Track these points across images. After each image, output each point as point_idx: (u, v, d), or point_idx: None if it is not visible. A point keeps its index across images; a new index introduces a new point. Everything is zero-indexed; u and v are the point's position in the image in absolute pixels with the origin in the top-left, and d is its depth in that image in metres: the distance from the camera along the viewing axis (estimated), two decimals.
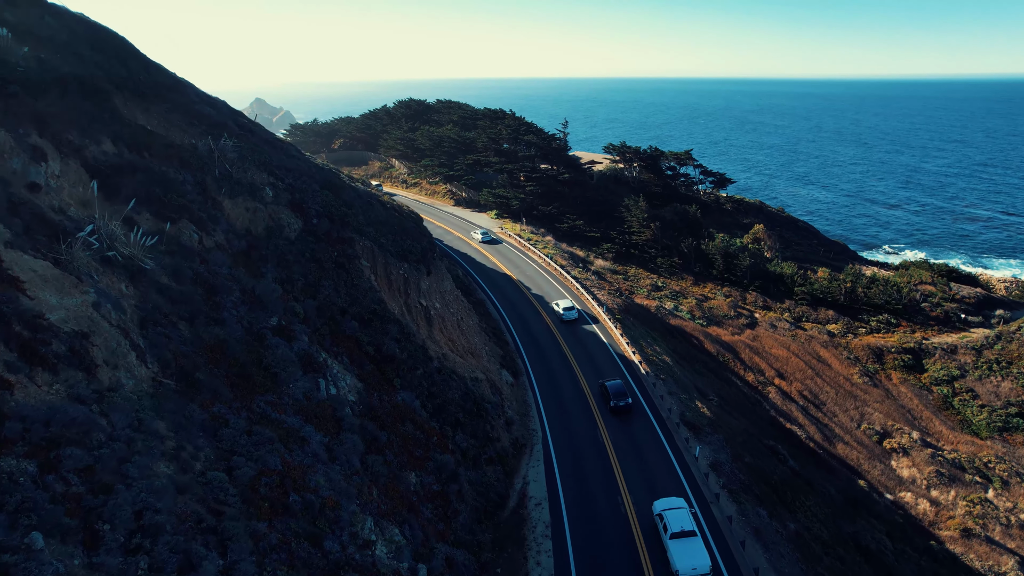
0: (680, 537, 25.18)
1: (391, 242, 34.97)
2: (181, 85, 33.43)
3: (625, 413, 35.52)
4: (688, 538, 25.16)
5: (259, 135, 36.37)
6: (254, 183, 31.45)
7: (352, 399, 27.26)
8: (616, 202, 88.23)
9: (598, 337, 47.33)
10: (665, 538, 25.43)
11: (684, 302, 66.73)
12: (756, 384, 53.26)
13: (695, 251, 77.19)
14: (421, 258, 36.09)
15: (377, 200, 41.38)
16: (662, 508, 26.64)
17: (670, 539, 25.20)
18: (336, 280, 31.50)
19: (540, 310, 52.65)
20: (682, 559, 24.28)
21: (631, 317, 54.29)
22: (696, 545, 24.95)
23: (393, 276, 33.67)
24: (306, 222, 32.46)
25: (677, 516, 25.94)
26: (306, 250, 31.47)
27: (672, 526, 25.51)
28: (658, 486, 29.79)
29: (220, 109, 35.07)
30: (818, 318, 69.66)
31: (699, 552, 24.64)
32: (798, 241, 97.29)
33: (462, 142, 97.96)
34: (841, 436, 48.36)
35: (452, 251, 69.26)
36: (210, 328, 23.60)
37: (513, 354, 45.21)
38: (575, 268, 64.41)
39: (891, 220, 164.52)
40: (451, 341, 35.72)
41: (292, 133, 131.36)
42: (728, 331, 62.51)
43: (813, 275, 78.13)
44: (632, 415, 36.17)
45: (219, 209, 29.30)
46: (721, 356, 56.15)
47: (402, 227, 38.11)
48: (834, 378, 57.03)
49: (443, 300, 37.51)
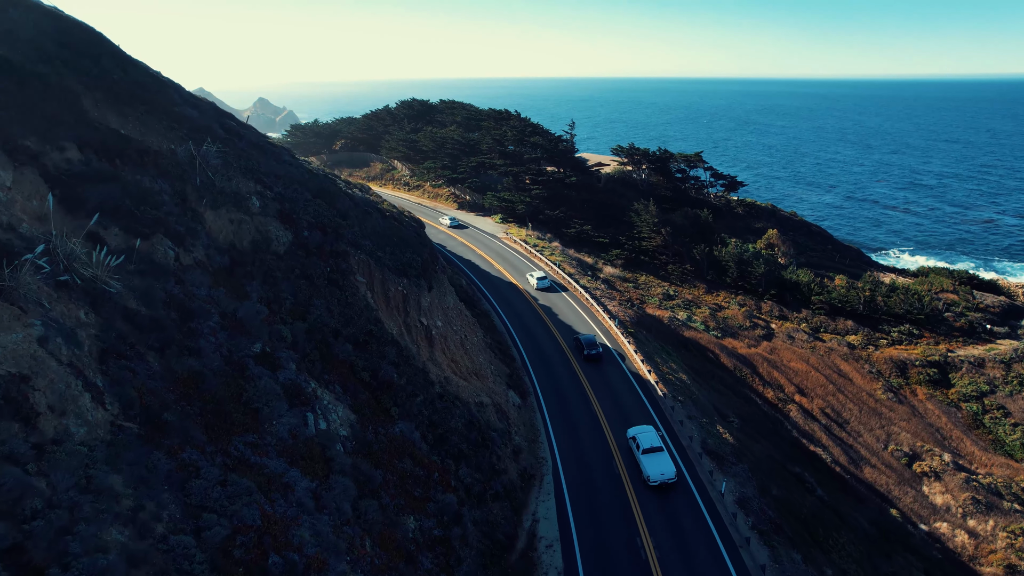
0: (650, 452, 31.14)
1: (389, 255, 32.28)
2: (162, 85, 30.83)
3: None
4: (656, 452, 31.14)
5: (248, 139, 33.74)
6: (239, 192, 28.81)
7: (344, 434, 24.58)
8: (625, 206, 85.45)
9: (609, 353, 44.56)
10: (638, 454, 31.31)
11: (697, 312, 63.91)
12: (776, 401, 50.43)
13: (707, 258, 74.36)
14: (422, 272, 33.41)
15: (375, 208, 38.72)
16: (634, 433, 32.66)
17: (642, 454, 31.08)
18: (329, 298, 28.84)
19: (548, 323, 49.90)
20: (652, 467, 30.15)
21: (644, 330, 51.50)
22: (663, 457, 30.84)
23: (391, 293, 31.00)
24: (296, 234, 29.80)
25: (647, 436, 32.03)
26: (296, 265, 28.81)
27: (643, 444, 31.52)
28: (686, 529, 27.03)
29: (205, 111, 32.45)
30: (837, 328, 66.75)
31: (666, 462, 30.48)
32: (812, 246, 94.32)
33: (466, 144, 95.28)
34: (868, 458, 45.51)
35: (454, 256, 66.60)
36: (183, 359, 20.95)
37: (520, 371, 42.51)
38: (584, 276, 61.66)
39: (897, 222, 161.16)
40: (454, 362, 33.02)
41: (292, 134, 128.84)
42: (744, 343, 59.69)
43: (830, 283, 75.23)
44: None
45: (200, 222, 26.66)
46: (739, 371, 53.32)
47: (401, 237, 35.43)
48: (857, 394, 54.17)
49: (445, 317, 34.82)
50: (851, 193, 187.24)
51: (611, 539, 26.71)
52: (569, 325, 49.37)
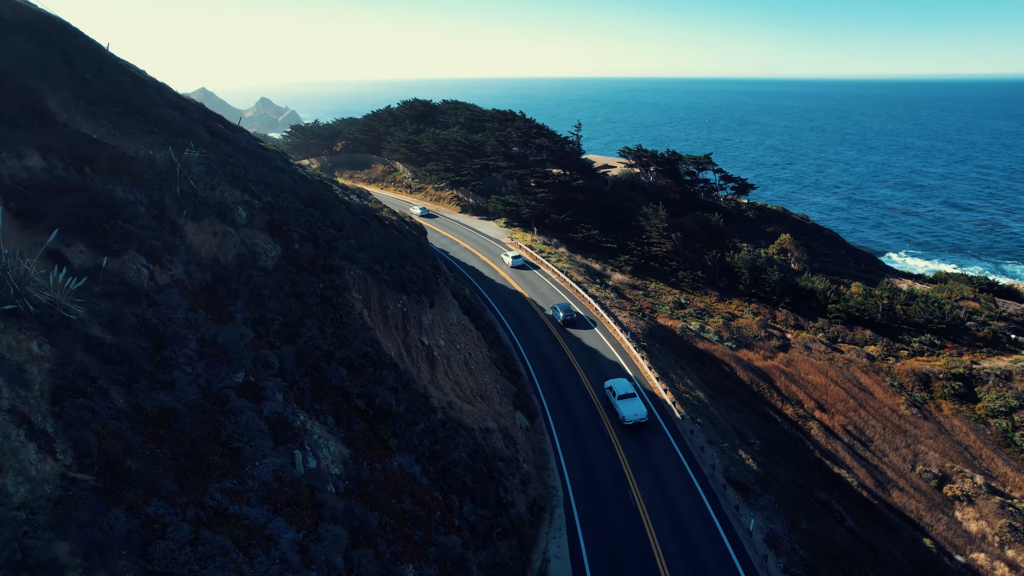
0: (625, 398, 36.53)
1: (388, 269, 29.86)
2: (142, 85, 28.47)
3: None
4: (630, 398, 36.55)
5: (237, 143, 31.36)
6: (224, 202, 26.43)
7: (336, 472, 22.16)
8: (633, 210, 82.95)
9: (622, 369, 42.09)
10: (614, 400, 36.64)
11: (710, 322, 61.40)
12: (795, 418, 47.91)
13: (719, 264, 71.81)
14: (423, 287, 31.00)
15: (373, 216, 36.30)
16: (610, 384, 38.10)
17: (618, 399, 36.49)
18: (321, 318, 26.44)
19: (556, 335, 47.44)
20: (627, 409, 35.48)
21: (656, 343, 49.02)
22: (636, 401, 36.28)
23: (390, 311, 28.59)
24: (286, 248, 27.41)
25: (621, 385, 37.58)
26: (285, 282, 26.42)
27: (618, 391, 37.02)
28: (709, 572, 24.56)
29: (189, 113, 30.07)
30: (855, 338, 64.17)
31: (639, 405, 35.90)
32: (825, 251, 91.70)
33: (469, 145, 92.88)
34: (895, 481, 42.97)
35: (457, 262, 64.20)
36: (154, 394, 18.59)
37: (527, 388, 40.10)
38: (592, 284, 59.19)
39: (900, 224, 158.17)
40: (457, 385, 30.58)
41: (292, 135, 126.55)
42: (760, 355, 57.16)
43: (846, 290, 72.63)
44: (672, 474, 30.92)
45: (179, 235, 24.28)
46: (756, 385, 50.81)
47: (401, 249, 33.01)
48: (879, 409, 51.60)
49: (448, 335, 32.40)
50: (852, 194, 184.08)
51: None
52: (578, 338, 46.91)
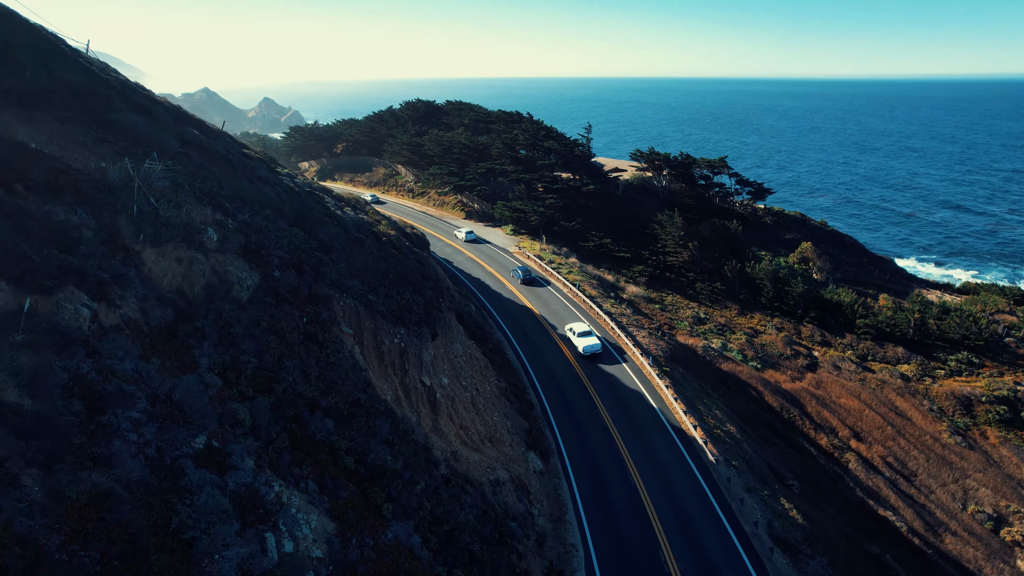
0: (582, 335, 44.01)
1: (384, 297, 26.01)
2: (101, 86, 24.68)
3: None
4: (586, 335, 44.17)
5: (213, 151, 27.53)
6: (192, 223, 22.59)
7: (318, 555, 18.28)
8: (646, 216, 78.97)
9: (644, 400, 38.13)
10: (574, 339, 43.98)
11: (733, 339, 57.38)
12: (831, 449, 43.88)
13: (739, 275, 67.75)
14: (424, 317, 27.15)
15: (369, 232, 32.43)
16: (568, 326, 45.83)
17: (577, 337, 44.00)
18: (304, 359, 22.58)
19: (569, 357, 43.50)
20: (583, 343, 43.05)
21: (679, 366, 45.05)
22: (592, 337, 44.05)
23: (386, 347, 24.72)
24: (265, 276, 23.55)
25: (580, 326, 45.14)
26: (263, 317, 22.56)
27: (576, 331, 44.53)
28: None
29: (158, 118, 26.26)
30: (886, 356, 60.05)
31: (594, 340, 43.66)
32: (847, 260, 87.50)
33: (474, 148, 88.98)
34: (946, 523, 38.90)
35: (461, 274, 60.33)
36: (84, 474, 14.72)
37: (539, 420, 36.20)
38: (607, 299, 55.22)
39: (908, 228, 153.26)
40: (463, 429, 26.71)
41: (291, 136, 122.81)
42: (787, 376, 53.13)
43: (874, 303, 68.49)
44: (711, 536, 26.95)
45: (134, 264, 20.46)
46: (786, 412, 46.79)
47: (400, 271, 29.13)
48: (919, 437, 47.52)
49: (453, 370, 28.53)
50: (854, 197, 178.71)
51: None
52: (595, 362, 42.94)
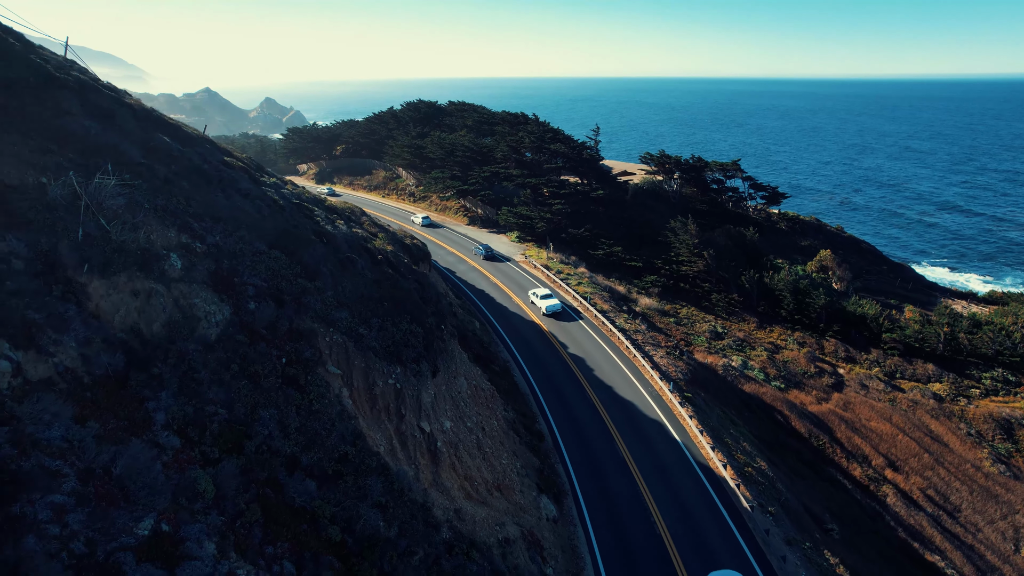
0: (544, 298, 51.21)
1: (377, 331, 22.69)
2: (50, 86, 21.38)
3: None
4: (548, 297, 51.51)
5: (185, 161, 24.21)
6: (151, 248, 19.28)
7: None
8: (657, 222, 75.53)
9: (666, 432, 34.73)
10: (537, 299, 51.44)
11: (753, 355, 53.96)
12: (866, 481, 40.43)
13: (758, 286, 64.30)
14: (424, 350, 23.82)
15: (363, 248, 29.07)
16: (532, 290, 53.47)
17: (539, 299, 51.39)
18: (283, 407, 19.25)
19: (584, 384, 40.12)
20: (545, 304, 50.43)
21: (700, 390, 41.67)
22: (553, 299, 51.27)
23: (379, 389, 21.38)
24: (238, 308, 20.22)
25: (542, 290, 52.75)
26: (234, 358, 19.24)
27: (539, 294, 52.03)
28: None
29: (120, 123, 22.94)
30: (916, 374, 56.54)
31: (555, 302, 50.88)
32: (866, 268, 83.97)
33: (478, 151, 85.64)
34: (998, 567, 35.46)
35: (464, 285, 57.03)
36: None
37: (551, 454, 32.86)
38: (619, 314, 51.84)
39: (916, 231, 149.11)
40: (468, 479, 23.37)
41: (289, 138, 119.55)
42: (812, 396, 49.69)
43: (899, 315, 64.98)
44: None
45: (77, 299, 17.17)
46: (814, 439, 43.37)
47: (396, 295, 25.78)
48: (959, 466, 44.03)
49: (456, 409, 25.19)
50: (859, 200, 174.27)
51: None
52: (609, 387, 39.59)
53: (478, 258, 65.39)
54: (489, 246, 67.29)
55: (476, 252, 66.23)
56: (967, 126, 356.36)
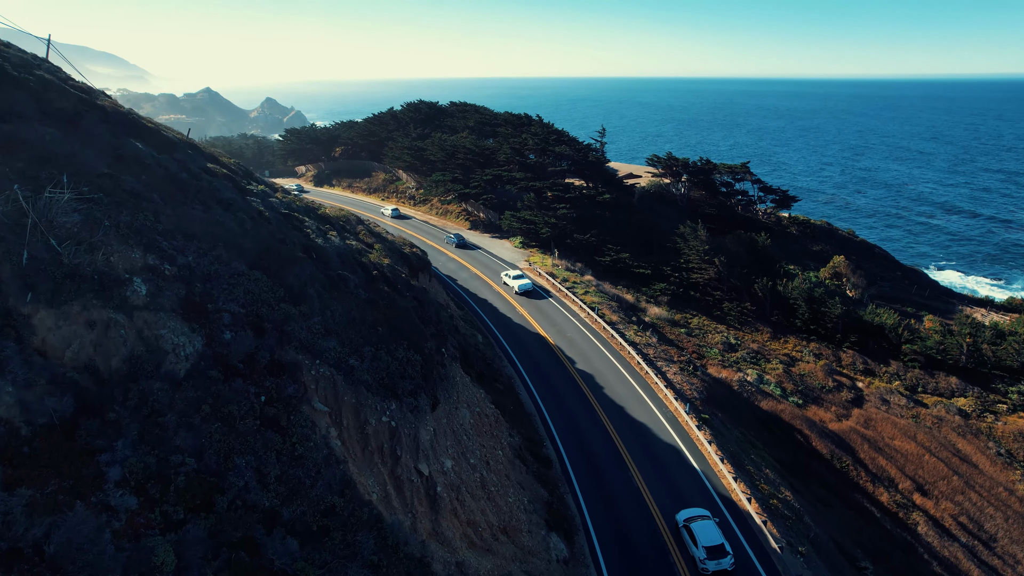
0: (516, 278, 54.21)
1: (370, 361, 20.29)
2: (4, 83, 18.98)
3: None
4: (520, 277, 54.87)
5: (159, 170, 21.81)
6: (112, 272, 16.90)
7: None
8: (665, 227, 73.09)
9: (683, 460, 32.29)
10: (510, 280, 54.31)
11: (769, 368, 51.52)
12: (894, 508, 37.96)
13: (771, 293, 61.86)
14: (423, 382, 21.42)
15: (357, 263, 26.64)
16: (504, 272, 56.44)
17: (512, 279, 54.31)
18: (262, 454, 16.86)
19: (594, 402, 37.70)
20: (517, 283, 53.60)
21: (717, 410, 39.24)
22: (524, 279, 53.90)
23: (371, 428, 18.98)
24: (212, 339, 17.83)
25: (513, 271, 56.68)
26: (205, 398, 16.85)
27: (511, 275, 54.99)
28: None
29: (84, 127, 20.54)
30: (938, 388, 54.06)
31: (526, 281, 53.91)
32: (881, 274, 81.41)
33: (480, 153, 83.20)
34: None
35: (465, 293, 54.65)
36: None
37: (559, 483, 30.48)
38: (629, 325, 49.41)
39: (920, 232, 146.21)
40: (471, 525, 20.95)
41: (287, 140, 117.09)
42: (832, 413, 47.25)
43: (918, 325, 62.47)
44: None
45: (18, 334, 14.81)
46: (837, 461, 40.92)
47: (392, 318, 23.37)
48: (992, 490, 41.57)
49: (458, 445, 22.80)
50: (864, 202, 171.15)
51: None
52: (621, 406, 37.17)
53: (450, 246, 69.05)
54: (461, 235, 71.17)
55: (448, 241, 70.12)
56: (968, 126, 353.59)
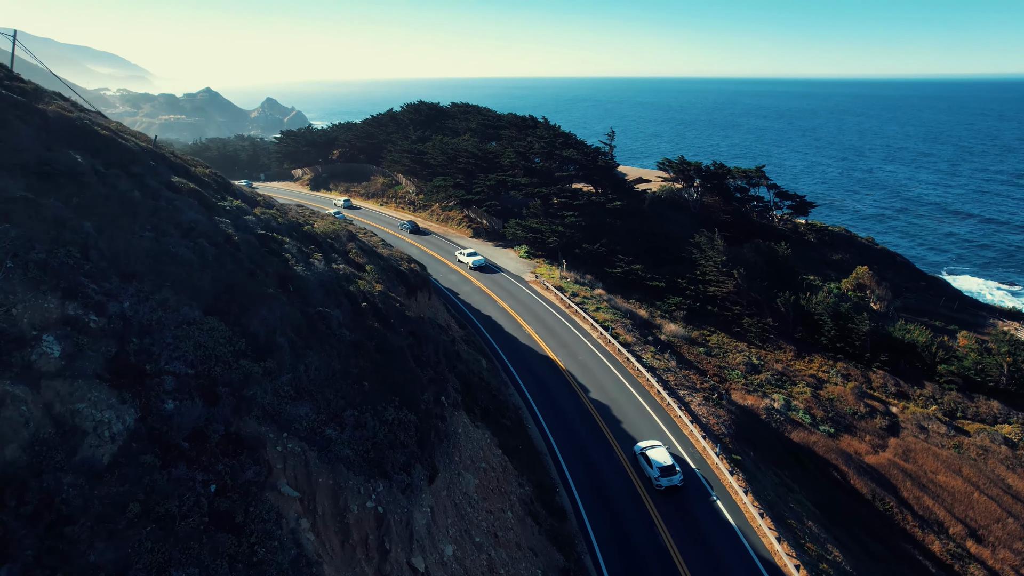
0: (470, 255, 58.45)
1: (352, 429, 16.47)
2: None
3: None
4: (473, 255, 58.53)
5: (103, 187, 18.05)
6: (10, 330, 13.10)
7: None
8: (678, 235, 69.24)
9: (714, 510, 28.45)
10: (464, 257, 58.38)
11: (795, 392, 47.67)
12: (948, 560, 34.07)
13: (794, 308, 57.97)
14: (417, 450, 17.57)
15: (343, 295, 22.82)
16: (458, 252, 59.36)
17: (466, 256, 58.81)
18: (209, 562, 13.04)
19: (611, 440, 33.87)
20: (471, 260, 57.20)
21: (748, 447, 35.40)
22: (478, 256, 58.37)
23: (352, 517, 15.18)
24: (148, 411, 14.00)
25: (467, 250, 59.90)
26: (135, 491, 13.03)
27: (465, 251, 58.70)
28: None
29: (4, 139, 16.78)
30: (979, 413, 50.14)
31: (480, 258, 58.35)
32: (905, 284, 77.48)
33: (482, 157, 79.40)
34: None
35: (468, 310, 50.89)
36: None
37: (576, 540, 26.71)
38: (645, 347, 45.57)
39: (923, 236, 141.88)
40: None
41: (283, 142, 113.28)
42: (867, 444, 43.40)
43: (952, 342, 58.56)
44: None
45: None
46: (880, 502, 37.03)
47: (382, 367, 19.53)
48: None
49: (461, 521, 18.98)
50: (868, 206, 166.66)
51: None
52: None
53: (404, 231, 72.25)
54: (415, 222, 74.99)
55: (401, 227, 73.71)
56: (969, 126, 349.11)
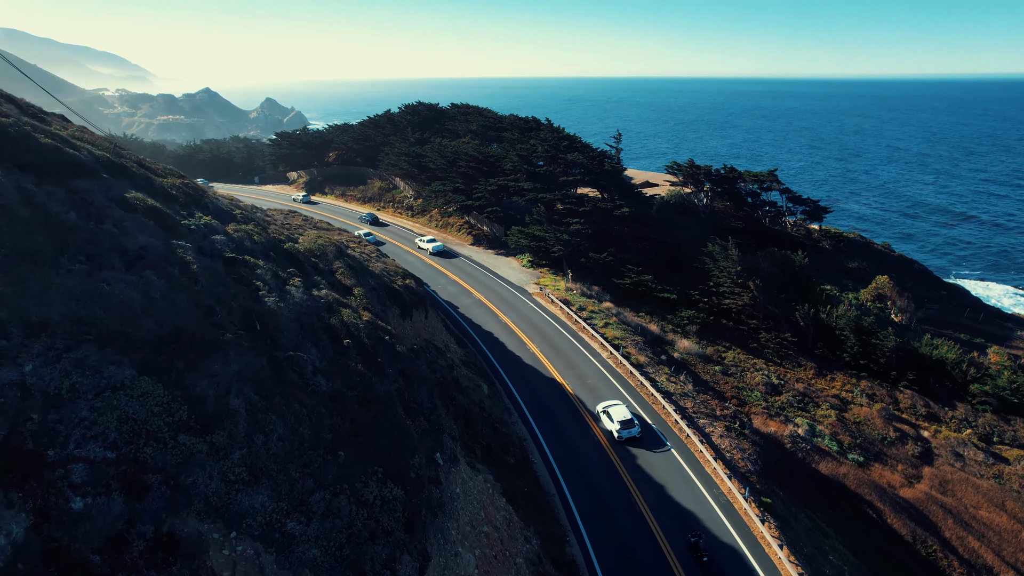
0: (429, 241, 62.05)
1: (321, 518, 13.15)
2: None
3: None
4: (432, 241, 62.85)
5: (24, 212, 14.80)
6: None
7: None
8: (689, 242, 65.94)
9: (744, 563, 25.13)
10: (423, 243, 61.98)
11: (819, 415, 44.36)
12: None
13: (813, 322, 54.65)
14: (404, 536, 14.10)
15: (322, 331, 19.54)
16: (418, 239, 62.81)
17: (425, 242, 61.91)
18: None
19: (627, 481, 30.52)
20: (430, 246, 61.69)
21: (776, 486, 32.07)
22: (436, 242, 62.06)
23: None
24: (46, 515, 10.67)
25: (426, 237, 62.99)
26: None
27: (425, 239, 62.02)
28: None
29: None
30: (1017, 437, 46.81)
31: (438, 243, 62.06)
32: (925, 294, 74.14)
33: (483, 160, 76.09)
34: None
35: (468, 325, 47.64)
36: None
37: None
38: (659, 367, 42.27)
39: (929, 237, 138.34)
40: None
41: (278, 144, 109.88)
42: (899, 474, 40.08)
43: (983, 359, 55.22)
44: None
45: None
46: (922, 545, 33.69)
47: (363, 421, 16.25)
48: None
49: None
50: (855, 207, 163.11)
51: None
52: (661, 485, 30.00)
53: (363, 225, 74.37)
54: (374, 214, 77.76)
55: (361, 219, 76.60)
56: (969, 126, 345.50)
